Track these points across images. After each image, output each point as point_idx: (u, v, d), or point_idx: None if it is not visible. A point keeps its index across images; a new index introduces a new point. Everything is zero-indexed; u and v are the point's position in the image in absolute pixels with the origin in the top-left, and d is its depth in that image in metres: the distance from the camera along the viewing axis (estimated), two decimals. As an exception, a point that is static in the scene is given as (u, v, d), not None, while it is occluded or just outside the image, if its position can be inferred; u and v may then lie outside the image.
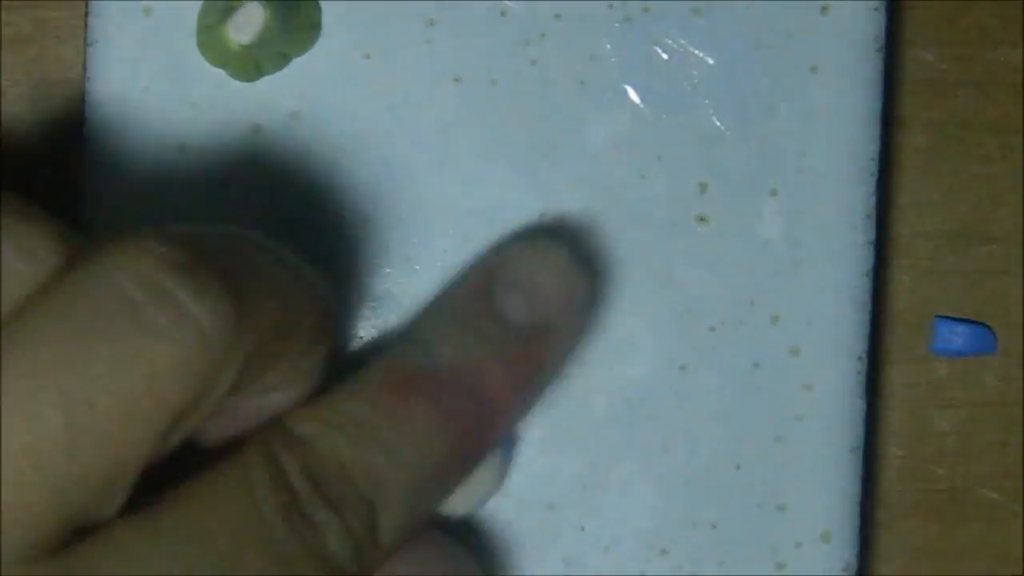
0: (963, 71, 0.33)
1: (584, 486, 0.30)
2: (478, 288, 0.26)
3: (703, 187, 0.30)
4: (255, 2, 0.28)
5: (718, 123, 0.30)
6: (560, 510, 0.30)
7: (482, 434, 0.25)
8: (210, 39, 0.29)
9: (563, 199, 0.30)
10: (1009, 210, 0.33)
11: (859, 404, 0.30)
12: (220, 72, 0.29)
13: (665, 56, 0.30)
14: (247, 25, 0.28)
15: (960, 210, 0.33)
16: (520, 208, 0.30)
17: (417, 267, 0.30)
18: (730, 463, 0.30)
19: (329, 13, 0.29)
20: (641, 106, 0.30)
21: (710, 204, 0.30)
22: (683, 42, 0.30)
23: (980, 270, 0.33)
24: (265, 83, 0.29)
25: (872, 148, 0.30)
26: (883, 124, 0.30)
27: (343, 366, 0.28)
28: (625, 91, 0.30)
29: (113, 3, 0.29)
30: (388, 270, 0.30)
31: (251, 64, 0.29)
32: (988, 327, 0.33)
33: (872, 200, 0.30)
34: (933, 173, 0.33)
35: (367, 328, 0.30)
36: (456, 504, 0.27)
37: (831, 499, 0.30)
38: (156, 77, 0.29)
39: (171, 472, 0.23)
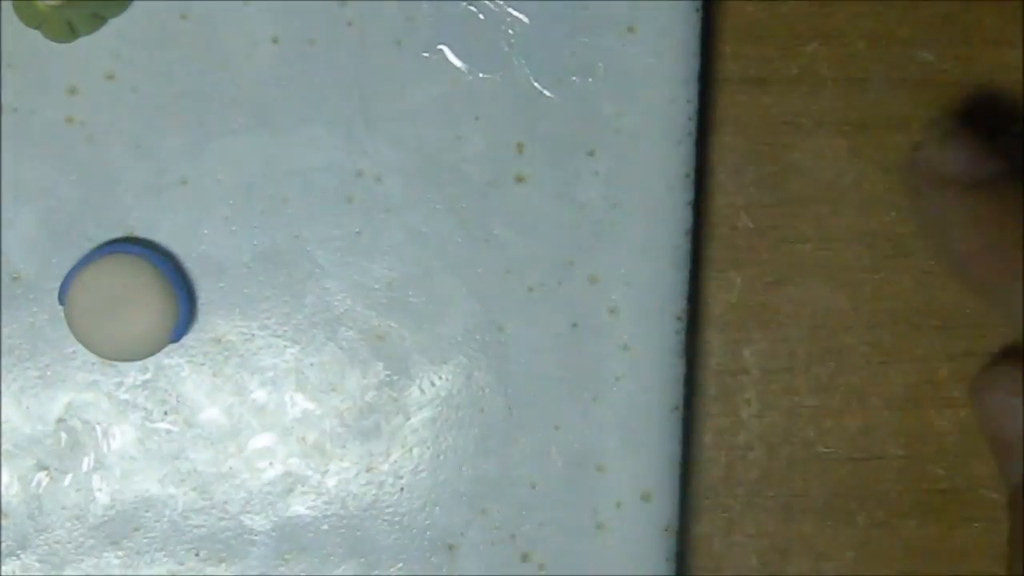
0: (963, 71, 0.33)
1: (402, 445, 0.30)
2: None
3: (520, 147, 0.30)
4: (60, -39, 0.28)
5: (535, 83, 0.30)
6: (378, 470, 0.30)
7: None
8: (23, 1, 0.29)
9: (381, 160, 0.30)
10: None
11: (678, 364, 0.30)
12: (36, 33, 0.29)
13: (481, 16, 0.30)
14: (53, -15, 0.28)
15: None
16: (337, 168, 0.30)
17: (234, 228, 0.30)
18: (549, 423, 0.30)
19: (145, -26, 0.29)
20: (458, 66, 0.30)
21: (528, 164, 0.30)
22: (500, 2, 0.30)
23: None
24: (81, 44, 0.29)
25: (690, 107, 0.30)
26: (701, 83, 0.30)
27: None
28: (442, 51, 0.30)
29: (-72, -35, 0.29)
30: (206, 231, 0.30)
31: (65, 25, 0.29)
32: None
33: (691, 160, 0.30)
34: None
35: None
36: (120, 348, 0.28)
37: (651, 459, 0.30)
38: (-28, 38, 0.29)
39: None
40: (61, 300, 0.29)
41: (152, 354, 0.29)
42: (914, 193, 0.30)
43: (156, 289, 0.28)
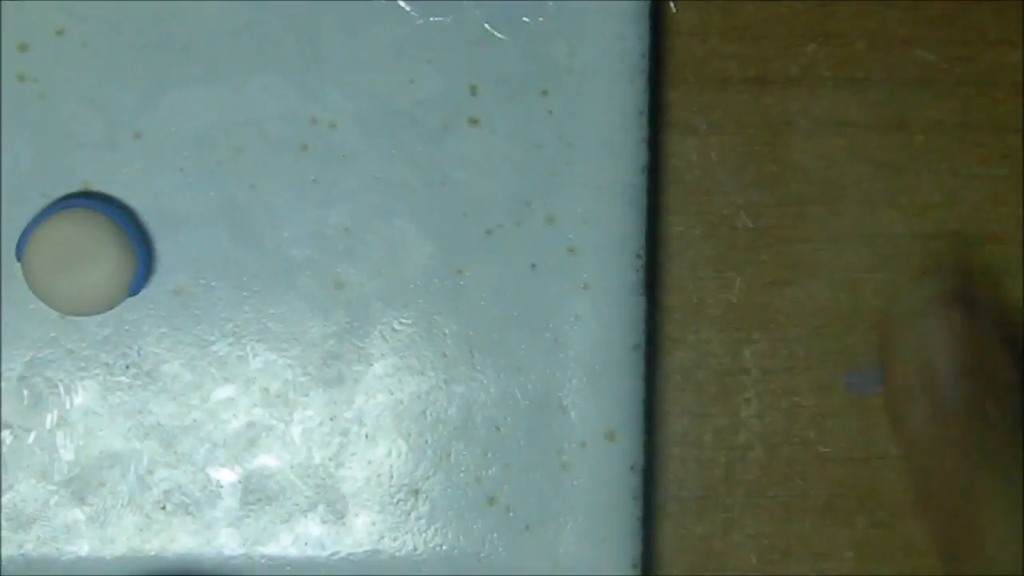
0: (963, 71, 0.33)
1: (365, 392, 0.30)
2: None
3: (474, 89, 0.30)
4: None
5: (486, 25, 0.30)
6: (342, 418, 0.30)
7: None
8: (-30, -44, 0.29)
9: (334, 106, 0.30)
10: (1009, 210, 0.33)
11: (639, 301, 0.30)
12: (-15, -10, 0.29)
13: (430, -41, 0.30)
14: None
15: (960, 210, 0.33)
16: (291, 116, 0.30)
17: (190, 180, 0.30)
18: (511, 365, 0.30)
19: (92, -72, 0.29)
20: (409, 10, 0.30)
21: (481, 106, 0.30)
22: (448, -55, 0.30)
23: (980, 270, 0.33)
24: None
25: (641, 44, 0.30)
26: (652, 20, 0.30)
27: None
28: (392, -4, 0.30)
29: None
30: (161, 183, 0.30)
31: (14, -20, 0.29)
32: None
33: (644, 97, 0.30)
34: (933, 173, 0.33)
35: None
36: (79, 303, 0.28)
37: (614, 398, 0.30)
38: (-79, -3, 0.29)
39: None
40: (18, 257, 0.29)
41: (111, 307, 0.29)
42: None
43: (113, 242, 0.28)
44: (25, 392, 0.30)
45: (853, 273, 0.33)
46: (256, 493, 0.30)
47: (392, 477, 0.30)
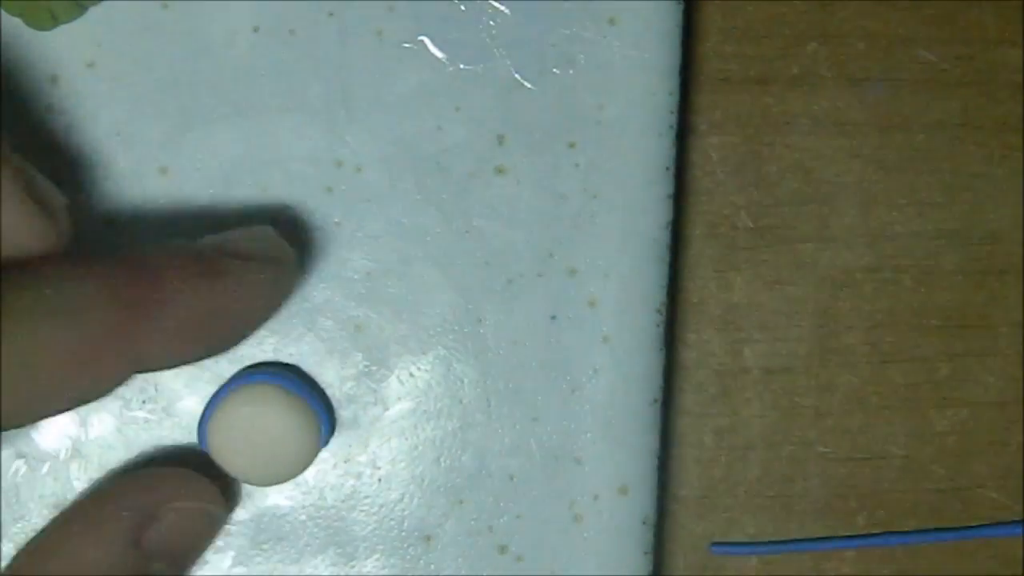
0: (963, 71, 0.33)
1: (380, 436, 0.30)
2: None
3: (501, 139, 0.30)
4: (40, -51, 0.28)
5: (516, 74, 0.30)
6: (356, 461, 0.30)
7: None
8: (3, -13, 0.29)
9: (360, 149, 0.30)
10: (1009, 210, 0.33)
11: (658, 356, 0.30)
12: (18, 21, 0.29)
13: (463, 7, 0.30)
14: (32, -28, 0.28)
15: (960, 210, 0.33)
16: (317, 159, 0.30)
17: (214, 217, 0.30)
18: (527, 415, 0.30)
19: (126, -38, 0.29)
20: (439, 57, 0.30)
21: (508, 156, 0.30)
22: (481, -7, 0.30)
23: (980, 270, 0.33)
24: (62, 32, 0.29)
25: (671, 101, 0.30)
26: (681, 77, 0.30)
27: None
28: (423, 42, 0.30)
29: (-91, -49, 0.29)
30: (185, 219, 0.30)
31: (46, 13, 0.29)
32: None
33: (671, 153, 0.30)
34: (933, 173, 0.33)
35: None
36: (267, 474, 0.28)
37: (629, 452, 0.30)
38: (-48, 25, 0.29)
39: None
40: (202, 443, 0.29)
41: (305, 470, 0.29)
42: None
43: (301, 421, 0.28)
44: (41, 423, 0.30)
45: (853, 273, 0.33)
46: (267, 533, 0.30)
47: (404, 522, 0.30)
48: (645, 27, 0.30)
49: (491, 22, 0.30)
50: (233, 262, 0.26)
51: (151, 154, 0.30)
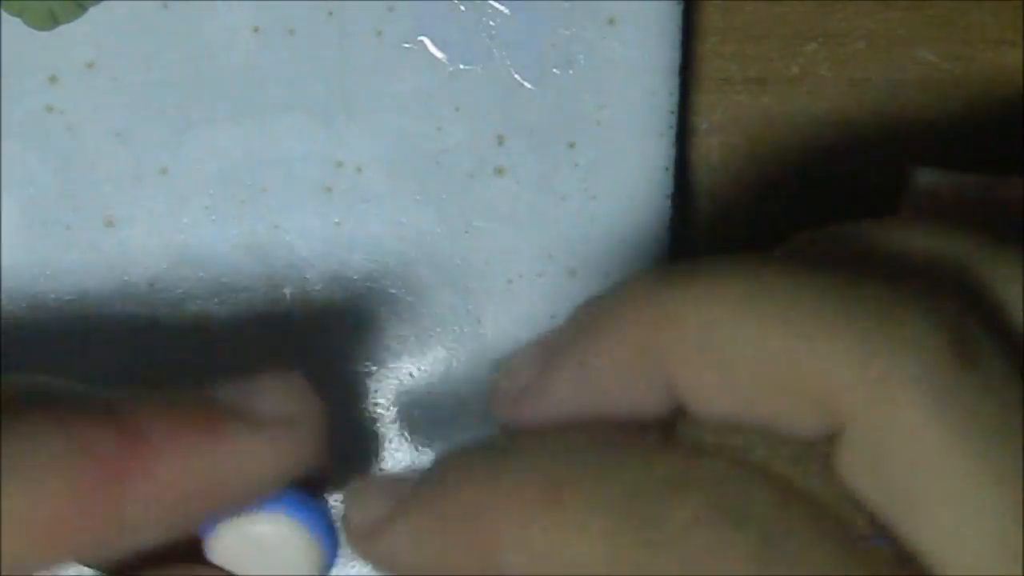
0: (963, 71, 0.33)
1: (381, 437, 0.30)
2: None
3: (501, 139, 0.30)
4: (40, -51, 0.28)
5: (516, 75, 0.30)
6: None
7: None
8: (3, -13, 0.29)
9: (360, 149, 0.30)
10: None
11: (657, 357, 0.30)
12: (17, 21, 0.29)
13: (463, 7, 0.30)
14: (32, -28, 0.28)
15: None
16: (317, 159, 0.30)
17: (214, 218, 0.30)
18: (527, 415, 0.30)
19: (126, -38, 0.29)
20: (439, 57, 0.30)
21: (508, 156, 0.30)
22: (481, -7, 0.30)
23: None
24: (62, 32, 0.29)
25: (670, 101, 0.30)
26: (681, 77, 0.30)
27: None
28: (423, 42, 0.30)
29: (-91, -49, 0.29)
30: (185, 220, 0.30)
31: (46, 13, 0.29)
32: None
33: (671, 153, 0.30)
34: None
35: (171, 276, 0.30)
36: None
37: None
38: (-48, 25, 0.29)
39: None
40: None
41: None
42: None
43: (304, 552, 0.27)
44: None
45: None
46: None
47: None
48: (645, 27, 0.30)
49: (491, 22, 0.30)
50: (238, 425, 0.22)
51: (151, 154, 0.30)
